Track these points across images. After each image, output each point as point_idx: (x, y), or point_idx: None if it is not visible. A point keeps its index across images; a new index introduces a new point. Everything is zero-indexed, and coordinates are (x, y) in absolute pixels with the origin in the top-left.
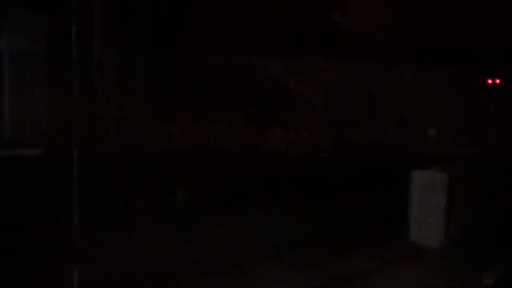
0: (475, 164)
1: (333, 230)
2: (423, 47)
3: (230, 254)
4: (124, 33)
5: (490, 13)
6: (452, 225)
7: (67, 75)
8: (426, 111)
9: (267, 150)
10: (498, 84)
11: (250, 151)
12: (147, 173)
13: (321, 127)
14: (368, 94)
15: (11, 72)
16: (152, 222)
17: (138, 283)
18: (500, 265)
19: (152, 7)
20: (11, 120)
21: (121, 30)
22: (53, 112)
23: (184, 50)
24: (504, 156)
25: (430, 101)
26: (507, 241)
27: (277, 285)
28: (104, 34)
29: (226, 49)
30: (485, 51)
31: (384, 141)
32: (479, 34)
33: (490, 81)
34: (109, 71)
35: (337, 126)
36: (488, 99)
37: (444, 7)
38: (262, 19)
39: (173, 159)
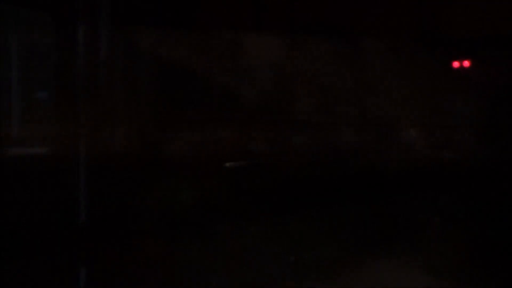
0: None
1: None
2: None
3: None
4: (130, 33)
5: None
6: None
7: (73, 75)
8: (402, 106)
9: (164, 156)
10: (468, 68)
11: (140, 157)
12: None
13: (251, 126)
14: (319, 83)
15: (19, 72)
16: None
17: None
18: None
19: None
20: (18, 119)
21: (128, 31)
22: (59, 111)
23: None
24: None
25: (406, 92)
26: None
27: None
28: (111, 35)
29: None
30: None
31: (342, 144)
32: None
33: (457, 64)
34: (115, 71)
35: (274, 125)
36: (468, 90)
37: None
38: None
39: None
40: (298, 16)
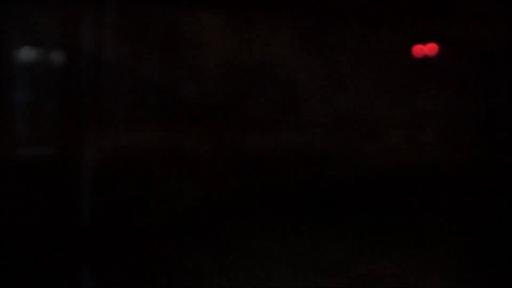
0: None
1: None
2: None
3: None
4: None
5: None
6: None
7: (77, 77)
8: (382, 103)
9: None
10: (434, 53)
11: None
12: None
13: (191, 125)
14: (280, 76)
15: (24, 75)
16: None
17: None
18: None
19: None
20: (24, 120)
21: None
22: (64, 112)
23: None
24: None
25: (388, 87)
26: None
27: None
28: (115, 38)
29: None
30: None
31: (308, 147)
32: None
33: (420, 49)
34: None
35: (222, 125)
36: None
37: None
38: None
39: None
40: None
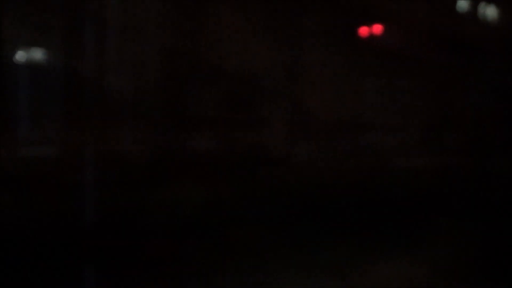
0: None
1: None
2: None
3: None
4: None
5: None
6: None
7: (81, 78)
8: (348, 100)
9: None
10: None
11: None
12: None
13: (121, 124)
14: (223, 67)
15: (28, 76)
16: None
17: None
18: None
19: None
20: (27, 121)
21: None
22: (68, 112)
23: None
24: None
25: (356, 81)
26: None
27: None
28: (118, 41)
29: None
30: None
31: (262, 148)
32: None
33: (366, 31)
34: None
35: (161, 125)
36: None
37: None
38: None
39: None
40: None
